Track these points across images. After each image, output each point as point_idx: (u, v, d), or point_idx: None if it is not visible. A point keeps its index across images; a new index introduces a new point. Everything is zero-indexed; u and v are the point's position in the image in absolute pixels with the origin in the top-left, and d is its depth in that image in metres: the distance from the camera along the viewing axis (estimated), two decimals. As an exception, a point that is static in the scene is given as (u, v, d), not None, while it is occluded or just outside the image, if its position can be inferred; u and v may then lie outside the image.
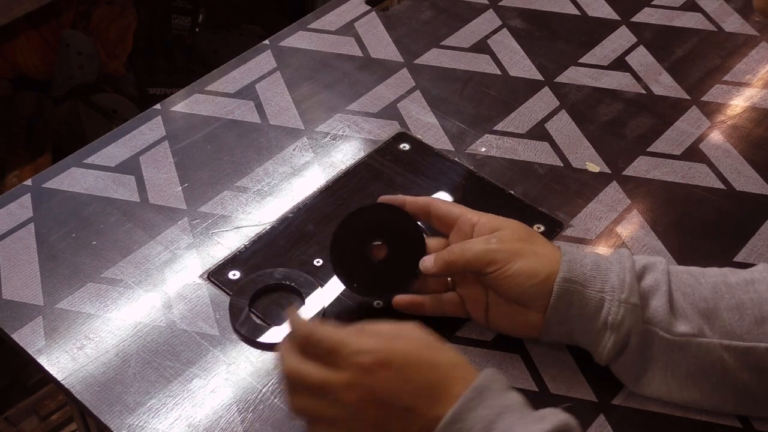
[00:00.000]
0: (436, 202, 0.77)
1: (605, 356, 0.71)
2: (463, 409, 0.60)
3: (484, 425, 0.59)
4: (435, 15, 1.12)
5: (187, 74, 1.82)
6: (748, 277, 0.71)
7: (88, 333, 0.77)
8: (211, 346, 0.76)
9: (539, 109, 0.99)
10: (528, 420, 0.60)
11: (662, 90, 1.02)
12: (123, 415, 0.71)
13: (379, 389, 0.60)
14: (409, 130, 0.96)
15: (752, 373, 0.69)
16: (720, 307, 0.69)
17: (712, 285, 0.71)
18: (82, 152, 0.93)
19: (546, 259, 0.71)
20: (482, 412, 0.60)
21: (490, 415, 0.60)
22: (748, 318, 0.69)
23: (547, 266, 0.71)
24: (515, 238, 0.72)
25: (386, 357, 0.60)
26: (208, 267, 0.82)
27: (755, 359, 0.68)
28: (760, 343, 0.68)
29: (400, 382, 0.60)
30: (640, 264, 0.71)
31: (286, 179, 0.91)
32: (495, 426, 0.59)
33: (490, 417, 0.60)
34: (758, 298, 0.69)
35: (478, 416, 0.60)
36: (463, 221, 0.75)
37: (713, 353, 0.69)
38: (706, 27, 1.11)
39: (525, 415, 0.61)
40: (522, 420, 0.60)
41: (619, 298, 0.69)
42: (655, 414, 0.72)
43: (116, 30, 1.81)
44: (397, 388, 0.60)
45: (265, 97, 1.00)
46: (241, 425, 0.71)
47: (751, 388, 0.69)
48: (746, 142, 0.96)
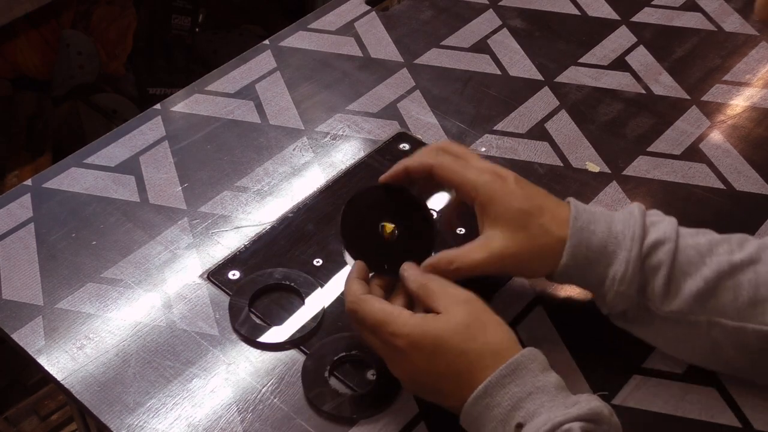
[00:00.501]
0: (437, 168, 0.73)
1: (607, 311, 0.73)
2: (495, 384, 0.62)
3: (512, 403, 0.61)
4: (435, 15, 1.12)
5: (187, 74, 1.82)
6: (754, 255, 0.70)
7: (88, 333, 0.77)
8: (210, 346, 0.76)
9: (539, 109, 0.99)
10: (558, 403, 0.61)
11: (662, 90, 1.02)
12: (123, 415, 0.71)
13: (411, 368, 0.65)
14: (409, 130, 0.96)
15: (738, 352, 0.69)
16: (718, 286, 0.69)
17: (717, 265, 0.69)
18: (82, 152, 0.93)
19: (549, 251, 0.70)
20: (513, 389, 0.61)
21: (521, 393, 0.61)
22: (742, 299, 0.68)
23: (551, 257, 0.70)
24: (515, 228, 0.70)
25: (417, 342, 0.64)
26: (208, 267, 0.82)
27: (743, 339, 0.68)
28: (748, 324, 0.68)
29: (429, 365, 0.64)
30: (650, 241, 0.70)
31: (286, 179, 0.91)
32: (523, 405, 0.61)
33: (520, 395, 0.61)
34: (756, 280, 0.69)
35: (508, 393, 0.61)
36: (463, 194, 0.74)
37: (701, 329, 0.69)
38: (706, 27, 1.11)
39: (556, 397, 0.62)
40: (552, 402, 0.61)
41: (617, 289, 0.69)
42: (655, 414, 0.72)
43: (116, 30, 1.81)
44: (427, 371, 0.65)
45: (265, 97, 1.00)
46: (241, 425, 0.71)
47: (738, 365, 0.70)
48: (746, 142, 0.96)
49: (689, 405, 0.73)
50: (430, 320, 0.65)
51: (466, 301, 0.67)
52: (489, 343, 0.64)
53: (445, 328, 0.65)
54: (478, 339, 0.64)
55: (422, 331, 0.65)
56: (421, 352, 0.65)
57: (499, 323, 0.66)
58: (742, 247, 0.71)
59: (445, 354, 0.64)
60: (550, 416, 0.60)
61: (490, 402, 0.62)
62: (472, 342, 0.64)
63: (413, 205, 0.77)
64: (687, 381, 0.74)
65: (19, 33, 1.67)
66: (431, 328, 0.65)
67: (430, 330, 0.65)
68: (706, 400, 0.73)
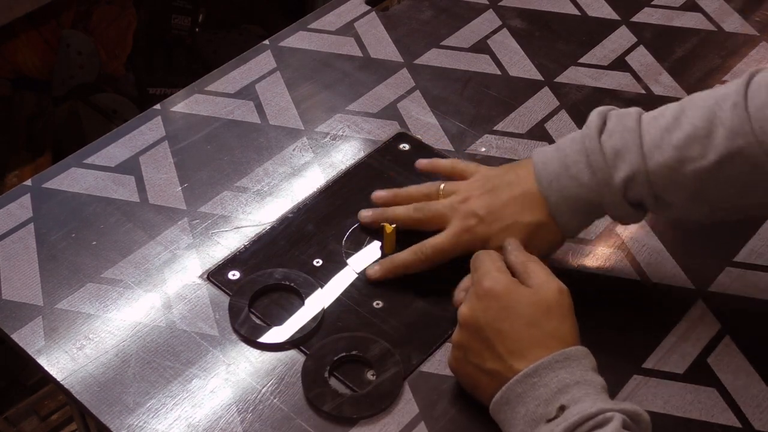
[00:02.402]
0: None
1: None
2: (546, 366, 0.64)
3: (559, 387, 0.63)
4: (435, 15, 1.12)
5: (187, 74, 1.81)
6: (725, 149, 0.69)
7: (88, 333, 0.77)
8: (210, 346, 0.76)
9: (539, 109, 0.99)
10: (602, 397, 0.63)
11: (662, 90, 1.02)
12: (123, 416, 0.71)
13: (479, 315, 0.68)
14: (409, 130, 0.96)
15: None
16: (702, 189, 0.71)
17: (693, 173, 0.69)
18: (82, 152, 0.93)
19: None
20: (562, 374, 0.64)
21: (568, 380, 0.63)
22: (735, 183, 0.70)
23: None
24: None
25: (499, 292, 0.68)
26: (207, 267, 0.82)
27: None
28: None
29: (495, 319, 0.68)
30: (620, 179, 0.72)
31: (286, 179, 0.91)
32: (569, 390, 0.63)
33: (567, 381, 0.63)
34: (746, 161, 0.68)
35: (557, 377, 0.64)
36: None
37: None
38: (706, 27, 1.11)
39: (600, 393, 0.64)
40: (597, 395, 0.63)
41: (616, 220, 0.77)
42: (655, 414, 0.72)
43: (116, 30, 1.81)
44: (490, 324, 0.67)
45: (265, 97, 1.00)
46: (241, 425, 0.71)
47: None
48: (746, 142, 0.96)
49: (689, 405, 0.73)
50: (521, 286, 0.70)
51: (558, 290, 0.69)
52: (557, 329, 0.67)
53: (528, 297, 0.68)
54: (551, 321, 0.67)
55: (508, 288, 0.69)
56: (497, 301, 0.68)
57: (574, 322, 0.69)
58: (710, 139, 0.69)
59: (515, 316, 0.67)
60: (596, 402, 0.62)
61: (538, 381, 0.64)
62: (544, 321, 0.67)
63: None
64: (687, 381, 0.74)
65: (19, 33, 1.67)
66: (518, 290, 0.69)
67: (516, 291, 0.69)
68: (706, 400, 0.73)
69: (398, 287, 0.80)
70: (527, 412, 0.64)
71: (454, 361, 0.71)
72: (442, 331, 0.77)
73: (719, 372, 0.75)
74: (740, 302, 0.81)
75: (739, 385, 0.74)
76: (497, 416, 0.67)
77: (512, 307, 0.68)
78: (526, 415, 0.64)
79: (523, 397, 0.64)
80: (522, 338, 0.67)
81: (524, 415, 0.64)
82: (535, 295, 0.68)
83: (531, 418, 0.63)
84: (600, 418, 0.60)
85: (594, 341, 0.77)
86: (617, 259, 0.84)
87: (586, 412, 0.61)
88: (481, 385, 0.69)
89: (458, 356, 0.70)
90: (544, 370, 0.64)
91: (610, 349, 0.76)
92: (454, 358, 0.71)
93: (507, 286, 0.69)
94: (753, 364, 0.76)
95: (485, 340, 0.68)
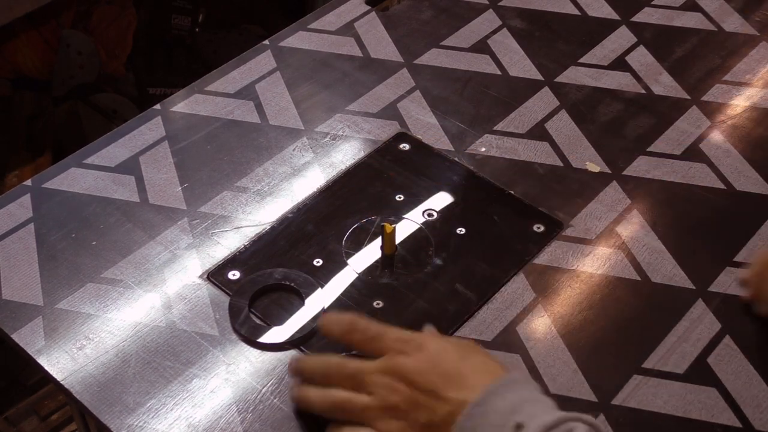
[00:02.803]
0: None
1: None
2: (491, 393, 0.61)
3: (510, 408, 0.60)
4: (435, 15, 1.12)
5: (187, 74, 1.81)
6: None
7: (88, 333, 0.77)
8: (210, 346, 0.76)
9: (539, 109, 0.99)
10: (558, 411, 0.61)
11: (662, 90, 1.02)
12: (123, 416, 0.71)
13: (409, 368, 0.64)
14: (409, 130, 0.96)
15: None
16: None
17: None
18: (82, 152, 0.93)
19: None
20: (510, 397, 0.61)
21: (518, 400, 0.61)
22: None
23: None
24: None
25: (423, 343, 0.66)
26: (207, 267, 0.82)
27: None
28: None
29: (430, 365, 0.64)
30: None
31: (286, 179, 0.91)
32: (522, 409, 0.60)
33: (518, 401, 0.61)
34: None
35: (506, 400, 0.61)
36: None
37: None
38: (706, 27, 1.11)
39: (554, 408, 0.62)
40: (552, 408, 0.61)
41: None
42: (655, 414, 0.72)
43: (116, 30, 1.81)
44: (427, 371, 0.64)
45: (265, 97, 1.00)
46: (241, 425, 0.71)
47: None
48: (746, 142, 0.96)
49: (689, 405, 0.73)
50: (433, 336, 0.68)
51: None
52: (488, 362, 0.66)
53: (447, 341, 0.67)
54: (479, 356, 0.66)
55: (428, 338, 0.67)
56: (422, 352, 0.65)
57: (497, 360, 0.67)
58: None
59: (449, 356, 0.65)
60: (554, 413, 0.60)
61: (486, 409, 0.61)
62: (473, 355, 0.66)
63: None
64: (687, 381, 0.74)
65: (19, 33, 1.67)
66: (438, 339, 0.67)
67: (437, 340, 0.67)
68: (706, 400, 0.73)
69: (398, 287, 0.81)
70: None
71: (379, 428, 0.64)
72: (442, 331, 0.77)
73: (719, 372, 0.75)
74: (740, 302, 0.81)
75: (739, 385, 0.74)
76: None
77: (441, 351, 0.65)
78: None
79: (476, 430, 0.61)
80: (462, 372, 0.64)
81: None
82: (450, 340, 0.68)
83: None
84: (563, 428, 0.58)
85: (594, 341, 0.77)
86: (617, 259, 0.84)
87: (547, 422, 0.58)
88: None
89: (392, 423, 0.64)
90: (490, 396, 0.61)
91: (610, 349, 0.76)
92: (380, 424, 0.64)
93: (423, 336, 0.67)
94: (753, 364, 0.76)
95: (428, 391, 0.63)
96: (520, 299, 0.80)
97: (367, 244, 0.84)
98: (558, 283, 0.81)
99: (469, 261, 0.83)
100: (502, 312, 0.79)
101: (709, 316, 0.79)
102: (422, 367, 0.64)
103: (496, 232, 0.86)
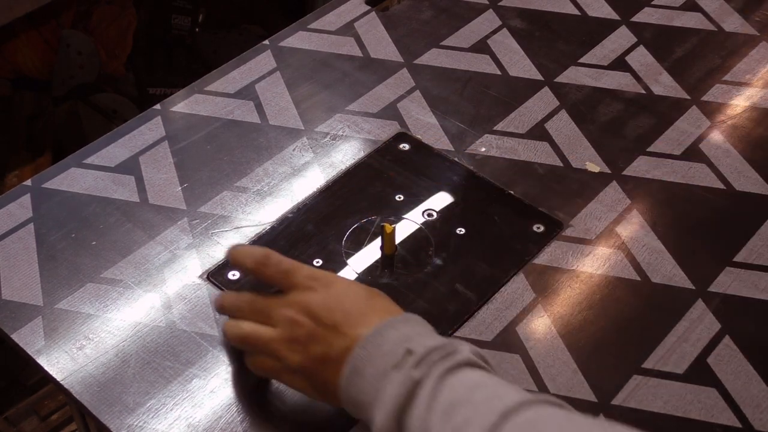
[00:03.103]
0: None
1: None
2: (388, 326, 0.64)
3: (403, 338, 0.63)
4: (435, 15, 1.12)
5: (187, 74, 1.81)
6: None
7: (88, 333, 0.77)
8: (210, 346, 0.76)
9: (539, 109, 0.99)
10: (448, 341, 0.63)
11: (662, 90, 1.02)
12: (122, 416, 0.71)
13: (314, 303, 0.66)
14: (409, 130, 0.96)
15: None
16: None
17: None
18: (82, 152, 0.93)
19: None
20: (404, 329, 0.63)
21: (411, 332, 0.63)
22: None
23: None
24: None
25: (332, 282, 0.68)
26: (207, 267, 0.82)
27: None
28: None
29: (334, 301, 0.66)
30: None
31: (286, 179, 0.91)
32: (413, 339, 0.62)
33: (411, 333, 0.63)
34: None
35: (398, 332, 0.63)
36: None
37: None
38: (706, 27, 1.11)
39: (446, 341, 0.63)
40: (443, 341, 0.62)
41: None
42: (655, 414, 0.72)
43: (116, 30, 1.81)
44: (331, 307, 0.66)
45: (265, 97, 1.00)
46: (241, 425, 0.71)
47: None
48: (746, 142, 0.96)
49: (689, 405, 0.73)
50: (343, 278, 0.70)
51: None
52: (389, 305, 0.68)
53: (359, 285, 0.69)
54: (381, 299, 0.68)
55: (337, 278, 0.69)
56: (328, 289, 0.67)
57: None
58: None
59: (354, 296, 0.67)
60: (442, 339, 0.62)
61: (380, 340, 0.63)
62: (377, 298, 0.68)
63: None
64: (687, 381, 0.74)
65: (19, 33, 1.67)
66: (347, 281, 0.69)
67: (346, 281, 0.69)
68: (706, 400, 0.73)
69: (398, 287, 0.81)
70: (376, 371, 0.61)
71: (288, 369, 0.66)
72: (442, 331, 0.77)
73: (719, 372, 0.75)
74: (740, 302, 0.81)
75: (739, 385, 0.74)
76: (348, 394, 0.63)
77: (346, 287, 0.68)
78: (375, 374, 0.61)
79: (370, 359, 0.62)
80: (364, 311, 0.66)
81: (373, 375, 0.62)
82: (359, 283, 0.70)
83: (380, 372, 0.61)
84: (449, 347, 0.61)
85: (594, 341, 0.77)
86: (617, 259, 0.84)
87: (433, 344, 0.61)
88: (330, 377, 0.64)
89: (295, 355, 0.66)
90: (386, 329, 0.63)
91: (610, 350, 0.76)
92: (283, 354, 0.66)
93: (333, 275, 0.69)
94: (753, 364, 0.76)
95: (329, 326, 0.65)
96: (519, 299, 0.80)
97: (367, 244, 0.84)
98: (558, 283, 0.81)
99: (469, 261, 0.83)
100: (502, 312, 0.79)
101: (709, 316, 0.79)
102: (327, 304, 0.66)
103: (496, 232, 0.86)
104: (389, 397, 0.60)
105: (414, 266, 0.83)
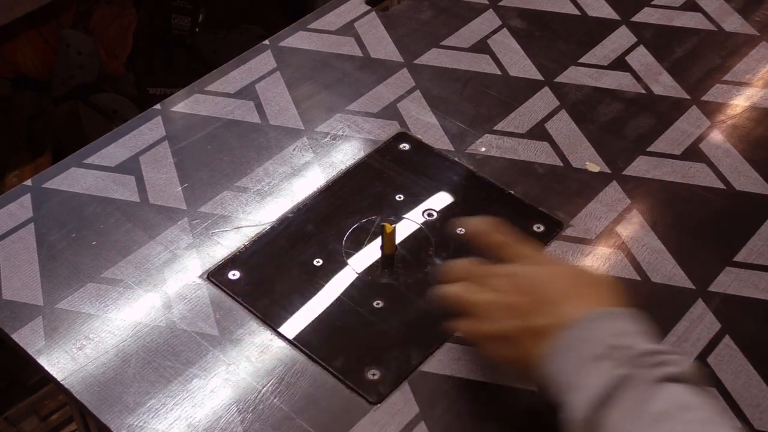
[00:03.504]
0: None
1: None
2: (602, 315, 0.64)
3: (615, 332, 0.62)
4: (435, 15, 1.12)
5: (187, 74, 1.81)
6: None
7: (88, 333, 0.77)
8: (210, 346, 0.76)
9: (539, 109, 0.99)
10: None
11: (662, 90, 1.02)
12: (123, 415, 0.71)
13: (539, 276, 0.68)
14: (409, 130, 0.96)
15: None
16: None
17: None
18: (82, 152, 0.93)
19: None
20: (621, 324, 0.63)
21: (624, 329, 0.63)
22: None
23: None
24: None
25: (558, 261, 0.74)
26: (208, 267, 0.82)
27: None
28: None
29: (558, 279, 0.68)
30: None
31: (286, 179, 0.91)
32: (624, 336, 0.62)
33: (624, 330, 0.63)
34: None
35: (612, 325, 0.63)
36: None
37: None
38: (706, 27, 1.11)
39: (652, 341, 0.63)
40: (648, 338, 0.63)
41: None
42: (655, 414, 0.72)
43: (116, 30, 1.81)
44: (553, 282, 0.68)
45: (265, 97, 1.00)
46: (241, 425, 0.71)
47: None
48: (746, 141, 0.96)
49: (689, 405, 0.73)
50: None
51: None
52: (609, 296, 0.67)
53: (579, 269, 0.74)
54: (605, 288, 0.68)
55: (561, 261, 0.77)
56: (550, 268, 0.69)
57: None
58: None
59: (576, 277, 0.68)
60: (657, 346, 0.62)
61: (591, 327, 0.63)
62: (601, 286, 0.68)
63: None
64: (687, 381, 0.74)
65: (19, 33, 1.67)
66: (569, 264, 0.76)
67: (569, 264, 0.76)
68: (706, 400, 0.73)
69: (398, 287, 0.81)
70: (580, 355, 0.62)
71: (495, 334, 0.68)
72: (442, 331, 0.77)
73: (719, 372, 0.75)
74: (740, 302, 0.81)
75: (739, 385, 0.74)
76: (548, 370, 0.63)
77: (570, 270, 0.71)
78: (579, 358, 0.62)
79: (580, 342, 0.62)
80: (583, 294, 0.67)
81: (578, 359, 0.62)
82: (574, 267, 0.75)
83: (584, 358, 0.61)
84: (664, 356, 0.60)
85: (594, 341, 0.77)
86: (617, 259, 0.84)
87: (648, 348, 0.60)
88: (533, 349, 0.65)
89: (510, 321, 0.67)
90: (601, 318, 0.63)
91: (610, 349, 0.76)
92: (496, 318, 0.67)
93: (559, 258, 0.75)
94: (753, 364, 0.76)
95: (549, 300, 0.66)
96: (520, 299, 0.80)
97: (367, 244, 0.84)
98: (558, 283, 0.81)
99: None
100: (502, 312, 0.79)
101: (709, 316, 0.79)
102: (550, 278, 0.68)
103: (496, 232, 0.85)
104: (593, 387, 0.60)
105: (414, 266, 0.83)
